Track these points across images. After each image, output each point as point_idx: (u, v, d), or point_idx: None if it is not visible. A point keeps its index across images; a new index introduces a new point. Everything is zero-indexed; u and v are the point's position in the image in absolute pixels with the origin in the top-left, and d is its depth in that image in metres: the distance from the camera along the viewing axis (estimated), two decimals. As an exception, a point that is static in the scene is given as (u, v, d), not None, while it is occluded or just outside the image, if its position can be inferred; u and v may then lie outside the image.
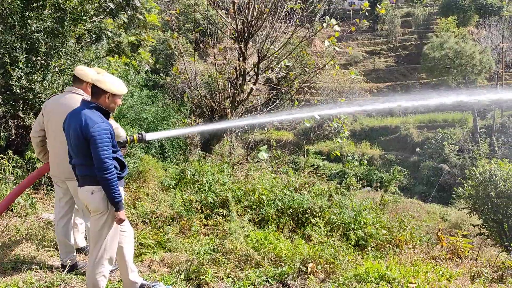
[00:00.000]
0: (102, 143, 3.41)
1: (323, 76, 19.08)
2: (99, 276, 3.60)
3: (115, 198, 3.43)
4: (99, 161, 3.39)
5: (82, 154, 3.53)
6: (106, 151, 3.41)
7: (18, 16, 6.57)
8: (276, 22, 8.85)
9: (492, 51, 41.71)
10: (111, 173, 3.40)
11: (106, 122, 3.52)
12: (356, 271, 4.55)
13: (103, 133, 3.43)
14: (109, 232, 3.58)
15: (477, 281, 4.87)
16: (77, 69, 4.40)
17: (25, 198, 6.06)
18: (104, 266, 3.61)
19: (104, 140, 3.42)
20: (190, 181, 6.81)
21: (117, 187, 3.45)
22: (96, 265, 3.58)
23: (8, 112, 6.73)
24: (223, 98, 8.95)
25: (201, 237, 5.39)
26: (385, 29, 56.87)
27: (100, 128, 3.42)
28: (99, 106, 3.58)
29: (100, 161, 3.38)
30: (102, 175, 3.38)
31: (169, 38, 20.97)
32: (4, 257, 4.64)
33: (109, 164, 3.39)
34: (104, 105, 3.61)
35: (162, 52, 25.24)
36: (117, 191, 3.44)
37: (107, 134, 3.46)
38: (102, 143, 3.40)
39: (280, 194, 6.15)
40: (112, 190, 3.41)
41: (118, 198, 3.45)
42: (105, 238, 3.57)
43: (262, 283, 4.27)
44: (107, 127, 3.49)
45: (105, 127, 3.46)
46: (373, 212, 6.26)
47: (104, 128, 3.45)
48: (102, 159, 3.38)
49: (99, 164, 3.39)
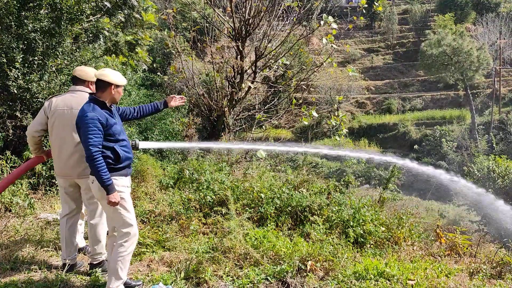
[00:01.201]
0: (88, 131, 3.61)
1: (321, 74, 19.08)
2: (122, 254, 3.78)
3: (104, 182, 3.61)
4: (85, 148, 3.63)
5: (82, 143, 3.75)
6: (92, 139, 3.60)
7: (14, 16, 6.54)
8: (274, 20, 8.84)
9: (490, 48, 41.79)
10: (96, 159, 3.58)
11: (97, 112, 3.70)
12: (355, 268, 4.55)
13: (90, 121, 3.62)
14: (121, 210, 3.80)
15: (476, 277, 4.88)
16: (77, 69, 4.49)
17: (24, 199, 6.05)
18: (127, 240, 3.82)
19: (89, 128, 3.61)
20: (189, 180, 6.80)
21: (105, 171, 3.61)
22: (119, 242, 3.81)
23: (5, 112, 6.71)
24: (221, 96, 8.95)
25: (200, 236, 5.38)
26: (383, 27, 56.93)
27: (87, 117, 3.63)
28: (96, 99, 3.81)
29: (86, 148, 3.62)
30: (89, 161, 3.61)
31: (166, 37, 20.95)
32: (3, 257, 4.63)
33: (94, 151, 3.58)
34: (109, 97, 3.86)
35: (160, 51, 25.23)
36: (105, 175, 3.61)
37: (94, 122, 3.63)
38: (87, 131, 3.61)
39: (279, 192, 6.14)
40: (100, 174, 3.59)
41: (107, 182, 3.62)
42: (121, 215, 3.81)
43: (262, 281, 4.27)
44: (94, 116, 3.66)
45: (92, 116, 3.64)
46: (371, 209, 6.26)
47: (91, 117, 3.64)
48: (87, 145, 3.60)
49: (85, 150, 3.63)
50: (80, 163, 4.24)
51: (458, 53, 36.87)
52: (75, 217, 4.51)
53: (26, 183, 6.40)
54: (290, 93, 10.68)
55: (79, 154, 4.23)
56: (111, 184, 3.66)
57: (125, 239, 3.81)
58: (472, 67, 37.27)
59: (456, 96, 43.69)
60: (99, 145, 3.64)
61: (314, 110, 8.97)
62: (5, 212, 5.92)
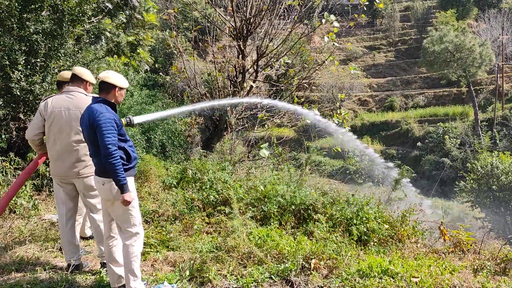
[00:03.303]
0: (106, 130, 3.65)
1: (323, 72, 19.06)
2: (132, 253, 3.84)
3: (120, 181, 3.65)
4: (103, 147, 3.63)
5: (93, 144, 3.79)
6: (110, 138, 3.65)
7: (16, 18, 6.56)
8: (275, 19, 8.84)
9: (492, 44, 41.59)
10: (115, 157, 3.63)
11: (111, 113, 3.79)
12: (359, 266, 4.55)
13: (107, 121, 3.69)
14: (131, 211, 3.86)
15: (480, 274, 4.86)
16: (76, 68, 4.56)
17: (28, 200, 6.08)
18: (136, 240, 3.89)
19: (108, 128, 3.67)
20: (192, 180, 6.82)
21: (122, 170, 3.67)
22: (129, 242, 3.85)
23: (8, 114, 6.73)
24: (223, 96, 8.95)
25: (203, 235, 5.39)
26: (384, 24, 56.79)
27: (104, 117, 3.69)
28: (106, 100, 3.88)
29: (104, 146, 3.63)
30: (107, 160, 3.62)
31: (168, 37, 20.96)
32: (8, 258, 4.66)
33: (112, 150, 3.63)
34: (113, 99, 3.95)
35: (161, 51, 25.25)
36: (122, 174, 3.66)
37: (111, 122, 3.71)
38: (105, 130, 3.65)
39: (282, 191, 6.15)
40: (117, 173, 3.63)
41: (123, 181, 3.66)
42: (130, 215, 3.86)
43: (266, 280, 4.28)
44: (111, 116, 3.75)
45: (109, 116, 3.72)
46: (375, 207, 6.26)
47: (108, 117, 3.71)
48: (106, 144, 3.62)
49: (103, 149, 3.64)
50: (77, 163, 4.33)
51: (460, 50, 36.72)
52: (73, 217, 4.57)
53: (30, 185, 6.43)
54: (292, 92, 10.67)
55: (76, 154, 4.33)
56: (127, 183, 3.71)
57: (135, 239, 3.88)
58: (474, 64, 37.10)
59: (458, 92, 43.56)
60: (116, 144, 3.70)
61: (316, 109, 8.98)
62: (10, 214, 5.94)
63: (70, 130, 4.31)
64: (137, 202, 4.01)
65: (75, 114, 4.32)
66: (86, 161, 4.36)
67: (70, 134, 4.31)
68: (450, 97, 43.67)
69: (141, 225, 4.01)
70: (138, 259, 3.89)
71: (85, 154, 4.35)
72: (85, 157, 4.36)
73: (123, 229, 3.89)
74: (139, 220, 3.96)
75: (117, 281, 4.00)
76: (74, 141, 4.33)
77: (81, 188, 4.42)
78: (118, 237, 3.99)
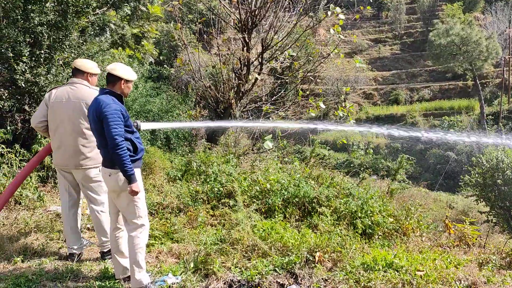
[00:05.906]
0: (113, 121, 3.67)
1: (328, 65, 18.91)
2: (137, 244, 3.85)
3: (127, 171, 3.67)
4: (110, 138, 3.65)
5: (100, 136, 3.80)
6: (116, 129, 3.67)
7: (20, 10, 6.55)
8: (280, 11, 8.77)
9: (499, 37, 41.21)
10: (122, 148, 3.65)
11: (118, 104, 3.81)
12: (363, 259, 4.54)
13: (114, 112, 3.70)
14: (137, 202, 3.87)
15: (485, 268, 4.85)
16: (77, 61, 4.64)
17: (33, 191, 6.11)
18: (142, 232, 3.90)
19: (114, 119, 3.69)
20: (196, 172, 6.82)
21: (129, 161, 3.69)
22: (134, 234, 3.86)
23: (14, 106, 6.75)
24: (227, 88, 8.92)
25: (208, 228, 5.40)
26: (390, 17, 56.29)
27: (111, 108, 3.70)
28: (112, 91, 3.89)
29: (111, 138, 3.64)
30: (114, 151, 3.64)
31: (172, 29, 20.93)
32: (13, 249, 4.69)
33: (119, 141, 3.65)
34: (120, 91, 3.94)
35: (166, 43, 25.18)
36: (129, 164, 3.68)
37: (117, 113, 3.72)
38: (112, 121, 3.67)
39: (286, 184, 6.14)
40: (124, 164, 3.65)
41: (130, 171, 3.68)
42: (136, 207, 3.87)
43: (270, 273, 4.28)
44: (117, 107, 3.76)
45: (115, 108, 3.74)
46: (379, 200, 6.24)
47: (115, 108, 3.73)
48: (112, 135, 3.64)
49: (110, 140, 3.65)
50: (78, 154, 4.39)
51: (466, 43, 36.42)
52: (76, 205, 4.65)
53: (35, 176, 6.46)
54: (297, 85, 10.62)
55: (74, 145, 4.38)
56: (134, 174, 3.72)
57: (140, 230, 3.89)
58: (481, 57, 36.82)
59: (464, 86, 43.24)
60: (123, 136, 3.71)
61: (321, 102, 8.94)
62: (15, 205, 5.98)
63: (69, 120, 4.38)
64: (143, 194, 4.02)
65: (75, 105, 4.39)
66: (85, 153, 4.41)
67: (70, 124, 4.38)
68: (456, 90, 43.39)
69: (147, 217, 4.02)
70: (143, 251, 3.90)
71: (84, 146, 4.40)
72: (84, 149, 4.40)
73: (129, 221, 3.90)
74: (144, 212, 3.96)
75: (122, 273, 4.02)
76: (73, 132, 4.39)
77: (79, 179, 4.50)
78: (124, 228, 4.00)
